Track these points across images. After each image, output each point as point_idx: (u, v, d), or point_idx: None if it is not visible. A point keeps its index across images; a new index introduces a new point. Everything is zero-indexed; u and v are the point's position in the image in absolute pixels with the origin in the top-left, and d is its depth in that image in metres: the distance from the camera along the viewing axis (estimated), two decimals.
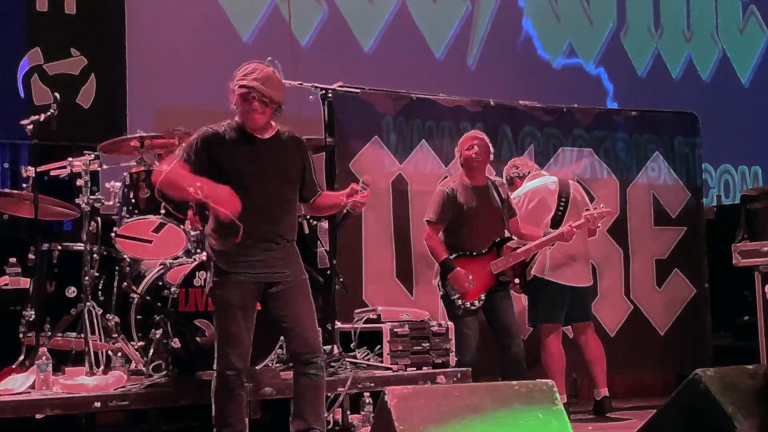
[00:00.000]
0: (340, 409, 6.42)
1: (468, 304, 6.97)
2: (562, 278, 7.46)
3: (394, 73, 9.03)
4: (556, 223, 7.41)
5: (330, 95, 7.36)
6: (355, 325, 6.89)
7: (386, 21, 9.48)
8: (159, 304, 5.97)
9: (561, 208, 7.47)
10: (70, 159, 6.26)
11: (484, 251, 7.05)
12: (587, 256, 7.66)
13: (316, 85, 7.20)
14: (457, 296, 6.95)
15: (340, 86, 7.51)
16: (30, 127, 6.14)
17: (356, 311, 7.10)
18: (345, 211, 5.41)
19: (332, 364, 6.34)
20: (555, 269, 7.44)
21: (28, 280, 6.17)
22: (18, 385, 5.70)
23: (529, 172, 7.70)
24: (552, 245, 7.30)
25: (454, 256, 6.98)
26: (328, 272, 6.73)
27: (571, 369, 7.71)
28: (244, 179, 5.21)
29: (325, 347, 6.04)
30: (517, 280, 7.29)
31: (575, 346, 7.69)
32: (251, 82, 5.20)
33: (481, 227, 7.04)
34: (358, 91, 7.63)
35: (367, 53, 9.38)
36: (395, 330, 6.71)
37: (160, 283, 6.05)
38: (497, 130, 8.17)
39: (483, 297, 7.00)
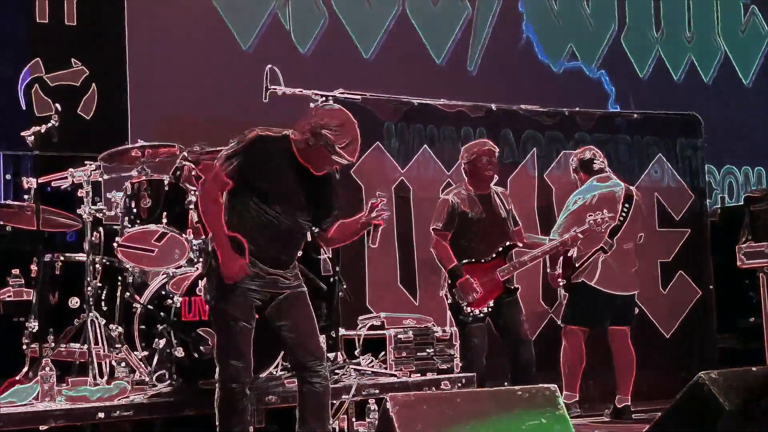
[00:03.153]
0: (345, 417, 6.41)
1: (476, 312, 6.96)
2: (610, 287, 7.50)
3: (395, 80, 9.03)
4: (614, 232, 7.42)
5: (330, 102, 7.35)
6: (359, 332, 6.89)
7: (386, 27, 9.48)
8: (162, 313, 5.96)
9: (622, 217, 7.47)
10: (71, 170, 6.26)
11: (490, 258, 7.04)
12: (635, 265, 7.67)
13: (316, 92, 7.20)
14: (465, 304, 6.95)
15: (340, 93, 7.51)
16: (31, 138, 6.14)
17: (360, 318, 7.09)
18: (372, 226, 5.37)
19: (336, 371, 6.33)
20: (604, 277, 7.47)
21: (31, 291, 6.17)
22: (22, 396, 5.70)
23: (605, 170, 7.67)
24: (606, 252, 7.33)
25: (463, 263, 6.98)
26: (332, 279, 6.72)
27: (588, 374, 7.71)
28: (276, 205, 5.20)
29: (329, 354, 6.04)
30: (560, 282, 7.37)
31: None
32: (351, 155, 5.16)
33: (486, 235, 7.04)
34: (359, 97, 7.64)
35: (367, 60, 9.39)
36: (399, 336, 6.71)
37: (163, 293, 6.05)
38: (499, 135, 8.16)
39: (491, 304, 7.00)
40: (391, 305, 7.44)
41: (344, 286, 6.87)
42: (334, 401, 5.90)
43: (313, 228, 5.42)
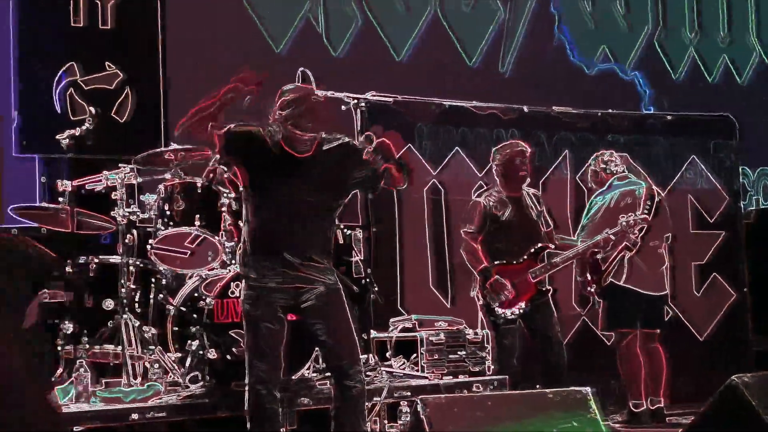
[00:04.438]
0: (377, 419, 6.41)
1: (508, 313, 6.94)
2: (639, 285, 7.46)
3: (428, 82, 9.03)
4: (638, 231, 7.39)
5: (362, 105, 7.37)
6: (391, 334, 6.89)
7: (420, 30, 9.49)
8: (195, 315, 6.00)
9: (645, 216, 7.44)
10: (105, 172, 6.31)
11: (522, 260, 7.02)
12: (663, 263, 7.63)
13: (348, 94, 7.21)
14: (496, 306, 6.93)
15: (372, 95, 7.52)
16: (66, 141, 6.19)
17: (392, 320, 7.10)
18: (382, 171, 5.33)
19: (368, 373, 6.34)
20: (632, 276, 7.43)
21: (66, 293, 6.22)
22: (57, 398, 5.75)
23: (623, 171, 7.65)
24: (631, 251, 7.29)
25: (494, 264, 6.97)
26: (364, 281, 6.73)
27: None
28: (277, 194, 5.24)
29: (360, 357, 6.04)
30: (591, 288, 7.33)
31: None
32: None
33: (518, 236, 7.02)
34: (391, 100, 7.64)
35: (400, 62, 9.39)
36: (431, 339, 6.70)
37: (196, 295, 6.08)
38: (531, 137, 8.14)
39: (523, 306, 6.98)
40: (423, 307, 7.44)
41: (376, 288, 6.88)
42: (367, 403, 5.90)
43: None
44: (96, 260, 6.28)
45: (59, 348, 6.14)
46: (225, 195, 6.24)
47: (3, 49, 7.55)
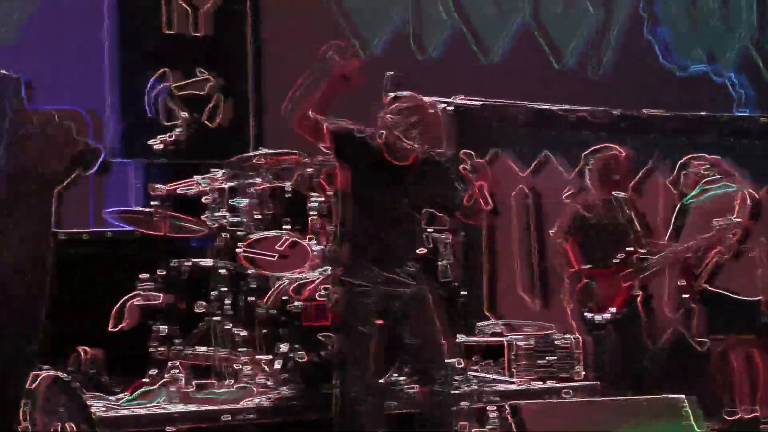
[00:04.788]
0: (465, 424, 6.40)
1: (598, 318, 6.89)
2: (734, 290, 7.34)
3: (517, 85, 8.99)
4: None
5: (451, 109, 7.37)
6: (479, 339, 6.87)
7: (512, 32, 9.45)
8: (284, 318, 6.05)
9: (738, 219, 7.32)
10: (197, 177, 6.41)
11: (611, 264, 6.96)
12: (759, 268, 7.49)
13: (436, 98, 7.21)
14: (586, 310, 6.88)
15: (460, 99, 7.52)
16: (159, 146, 6.30)
17: (479, 324, 7.08)
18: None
19: (455, 378, 6.32)
20: (727, 281, 7.32)
21: (160, 295, 6.33)
22: (150, 399, 5.86)
23: (715, 174, 7.54)
24: (725, 255, 7.18)
25: (583, 268, 6.91)
26: (451, 286, 6.72)
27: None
28: (372, 199, 5.27)
29: (448, 361, 6.03)
30: (685, 294, 7.23)
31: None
32: None
33: (607, 241, 6.96)
34: (479, 103, 7.63)
35: (488, 65, 9.36)
36: (519, 343, 6.66)
37: (286, 298, 6.14)
38: (621, 140, 8.04)
39: (613, 310, 6.91)
40: (511, 312, 7.40)
41: (463, 293, 6.87)
42: (454, 408, 5.89)
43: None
44: (188, 263, 6.38)
45: (152, 349, 6.24)
46: (314, 199, 6.29)
47: (98, 56, 7.72)
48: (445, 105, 7.32)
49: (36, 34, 7.54)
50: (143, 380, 6.12)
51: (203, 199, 6.41)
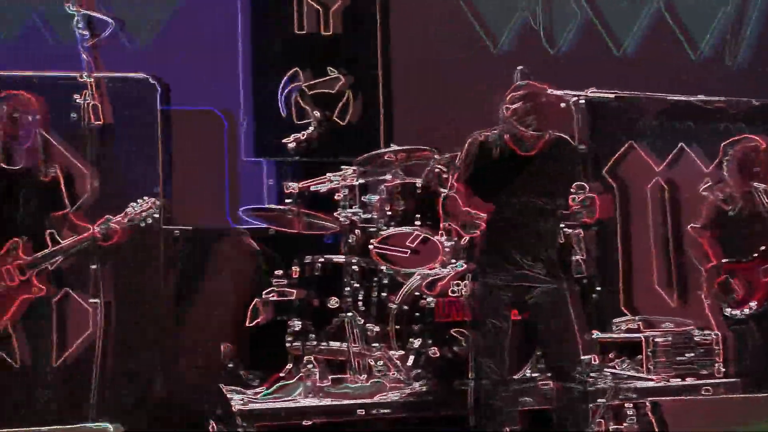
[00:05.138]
0: (601, 421, 6.30)
1: (738, 314, 6.71)
2: None
3: (651, 76, 8.81)
4: None
5: (583, 102, 7.27)
6: (614, 335, 6.76)
7: (643, 23, 9.26)
8: (417, 314, 6.07)
9: None
10: (329, 174, 6.48)
11: (752, 258, 6.76)
12: None
13: (568, 92, 7.13)
14: (726, 305, 6.70)
15: (592, 92, 7.41)
16: (291, 145, 6.39)
17: (615, 320, 6.97)
18: None
19: (591, 375, 6.24)
20: None
21: (293, 291, 6.42)
22: (286, 393, 5.95)
23: None
24: None
25: (722, 262, 6.74)
26: (585, 281, 6.64)
27: None
28: (502, 192, 5.25)
29: (583, 357, 5.95)
30: None
31: None
32: None
33: (748, 234, 6.77)
34: (612, 96, 7.51)
35: (620, 57, 9.20)
36: (657, 340, 6.54)
37: (418, 293, 6.16)
38: (761, 131, 7.81)
39: (754, 305, 6.72)
40: (647, 308, 7.26)
41: (598, 288, 6.78)
42: (590, 405, 5.81)
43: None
44: (321, 260, 6.46)
45: (288, 344, 6.33)
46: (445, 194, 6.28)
47: (232, 57, 7.87)
48: (577, 98, 7.23)
49: (171, 36, 7.73)
50: (280, 374, 6.22)
51: (335, 196, 6.47)
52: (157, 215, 5.58)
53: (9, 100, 5.41)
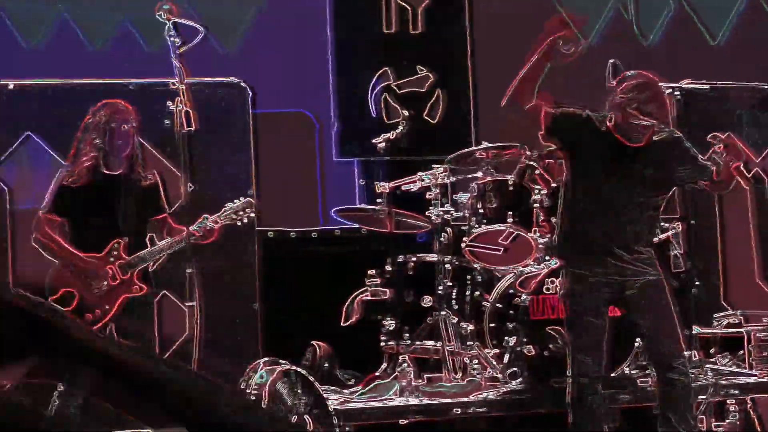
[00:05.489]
0: (703, 417, 6.17)
1: None
2: None
3: (747, 66, 8.59)
4: None
5: (678, 93, 7.14)
6: (715, 330, 6.62)
7: (739, 10, 9.05)
8: (511, 311, 6.03)
9: None
10: (420, 173, 6.47)
11: None
12: None
13: (663, 83, 6.99)
14: None
15: (687, 83, 7.27)
16: (382, 144, 6.39)
17: (715, 315, 6.82)
18: None
19: (692, 370, 6.11)
20: None
21: (387, 291, 6.42)
22: (381, 392, 5.96)
23: None
24: None
25: None
26: (683, 276, 6.51)
27: None
28: (602, 183, 5.18)
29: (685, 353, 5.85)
30: None
31: None
32: None
33: None
34: (708, 86, 7.35)
35: (715, 47, 9.01)
36: (760, 335, 6.37)
37: (512, 291, 6.11)
38: None
39: None
40: (749, 302, 7.09)
41: (697, 283, 6.64)
42: (692, 401, 5.69)
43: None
44: (413, 259, 6.45)
45: (382, 344, 6.33)
46: (537, 191, 6.23)
47: (320, 58, 7.91)
48: (672, 90, 7.09)
49: (256, 39, 7.80)
50: (375, 374, 6.23)
51: (426, 195, 6.46)
52: (253, 215, 5.65)
53: (108, 110, 5.53)
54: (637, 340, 5.73)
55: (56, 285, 5.50)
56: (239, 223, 5.60)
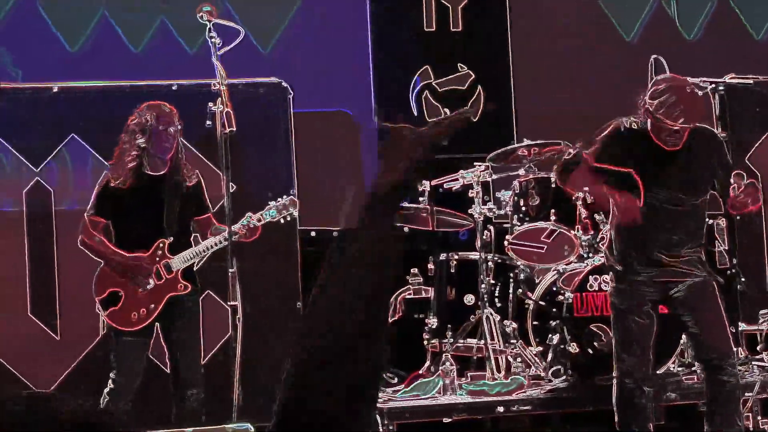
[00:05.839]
0: (750, 415, 6.11)
1: None
2: None
3: None
4: None
5: (721, 88, 7.07)
6: (761, 327, 6.55)
7: None
8: (554, 309, 5.99)
9: None
10: (461, 171, 6.45)
11: None
12: None
13: (704, 79, 6.93)
14: None
15: (731, 78, 7.20)
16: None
17: (762, 312, 6.74)
18: None
19: (739, 368, 6.05)
20: None
21: (429, 289, 6.42)
22: (425, 390, 5.95)
23: None
24: None
25: None
26: (729, 272, 6.44)
27: None
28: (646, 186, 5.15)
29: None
30: None
31: None
32: None
33: None
34: (751, 81, 7.27)
35: (760, 41, 8.90)
36: None
37: (555, 289, 6.08)
38: None
39: None
40: None
41: (743, 279, 6.57)
42: (740, 399, 5.63)
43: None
44: (456, 257, 6.43)
45: (425, 342, 6.33)
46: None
47: (362, 57, 7.91)
48: (716, 85, 7.02)
49: (295, 38, 7.81)
50: (418, 372, 6.22)
51: (468, 193, 6.44)
52: (295, 214, 5.66)
53: (152, 111, 5.56)
54: (683, 337, 5.70)
55: (103, 285, 5.55)
56: (282, 221, 5.61)
